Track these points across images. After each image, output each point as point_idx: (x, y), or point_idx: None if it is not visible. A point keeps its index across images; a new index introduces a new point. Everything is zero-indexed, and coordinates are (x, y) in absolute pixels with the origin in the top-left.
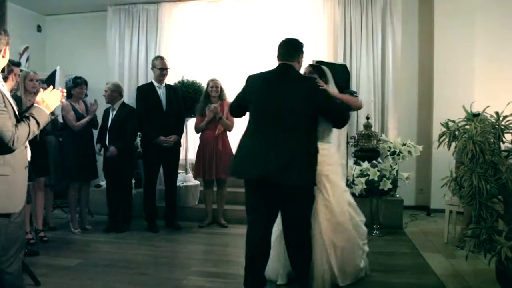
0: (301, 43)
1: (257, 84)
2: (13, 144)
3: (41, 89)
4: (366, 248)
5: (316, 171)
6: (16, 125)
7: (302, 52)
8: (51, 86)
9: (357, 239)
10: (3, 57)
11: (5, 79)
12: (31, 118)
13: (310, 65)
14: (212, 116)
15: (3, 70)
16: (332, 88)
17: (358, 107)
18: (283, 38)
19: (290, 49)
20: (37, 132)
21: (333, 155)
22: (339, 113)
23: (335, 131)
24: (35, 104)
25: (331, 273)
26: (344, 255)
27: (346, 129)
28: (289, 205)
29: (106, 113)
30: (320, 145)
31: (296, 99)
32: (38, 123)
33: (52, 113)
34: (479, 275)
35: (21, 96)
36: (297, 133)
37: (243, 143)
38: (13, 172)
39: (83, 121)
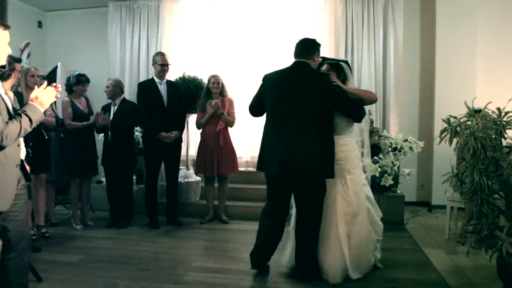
0: (318, 43)
1: (272, 82)
2: (1, 141)
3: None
4: (379, 245)
5: (333, 163)
6: (6, 122)
7: (318, 51)
8: (46, 83)
9: (372, 234)
10: None
11: (8, 76)
12: (23, 115)
13: (328, 63)
14: (213, 111)
15: (4, 67)
16: (351, 84)
17: (373, 100)
18: (301, 38)
19: (307, 47)
20: (29, 129)
21: (353, 149)
22: (352, 107)
23: (356, 124)
24: (29, 102)
25: (344, 266)
26: (358, 249)
27: (368, 122)
28: (302, 195)
29: (107, 108)
30: (341, 139)
31: (311, 95)
32: (30, 120)
33: (52, 109)
34: (480, 271)
35: (22, 92)
36: (312, 128)
37: (263, 139)
38: (3, 170)
39: (80, 124)
